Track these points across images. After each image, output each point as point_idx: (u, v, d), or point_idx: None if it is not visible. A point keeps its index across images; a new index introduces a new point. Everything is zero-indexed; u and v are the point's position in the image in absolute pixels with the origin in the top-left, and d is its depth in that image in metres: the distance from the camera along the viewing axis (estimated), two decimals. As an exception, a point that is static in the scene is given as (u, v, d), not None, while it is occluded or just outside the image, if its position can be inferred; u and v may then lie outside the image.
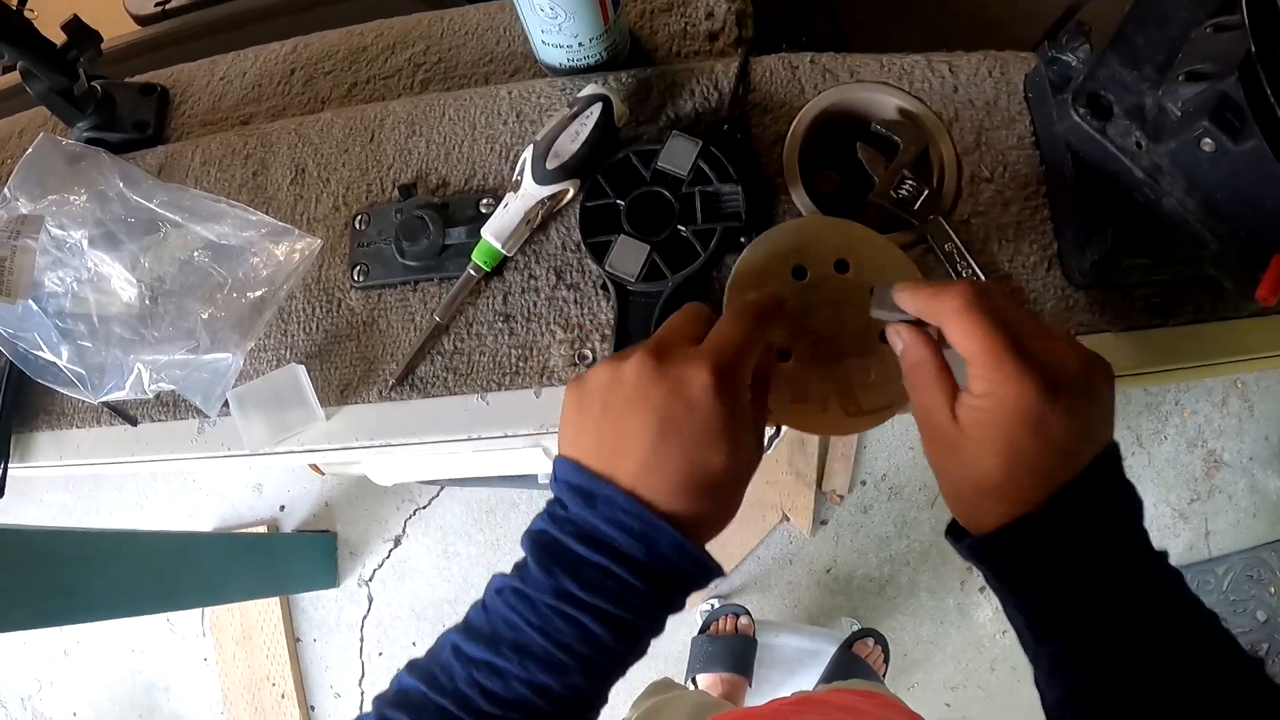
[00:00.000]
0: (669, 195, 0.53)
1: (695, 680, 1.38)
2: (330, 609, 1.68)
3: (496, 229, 0.55)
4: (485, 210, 0.58)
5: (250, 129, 0.67)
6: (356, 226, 0.61)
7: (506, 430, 0.56)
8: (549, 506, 0.36)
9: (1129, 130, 0.41)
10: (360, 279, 0.59)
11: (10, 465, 0.64)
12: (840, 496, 1.54)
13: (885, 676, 1.41)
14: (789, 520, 1.54)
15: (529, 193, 0.54)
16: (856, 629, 1.45)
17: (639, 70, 0.60)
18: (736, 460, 0.35)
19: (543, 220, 0.57)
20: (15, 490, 0.63)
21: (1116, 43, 0.42)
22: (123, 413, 0.62)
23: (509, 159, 0.60)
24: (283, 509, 1.71)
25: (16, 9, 0.60)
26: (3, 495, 0.62)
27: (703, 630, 1.46)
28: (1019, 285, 0.52)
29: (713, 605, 1.51)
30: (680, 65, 0.60)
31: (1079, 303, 0.52)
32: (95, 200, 0.59)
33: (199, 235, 0.60)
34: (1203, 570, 1.50)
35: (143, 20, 0.93)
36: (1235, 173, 0.37)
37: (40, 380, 0.59)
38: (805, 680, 1.40)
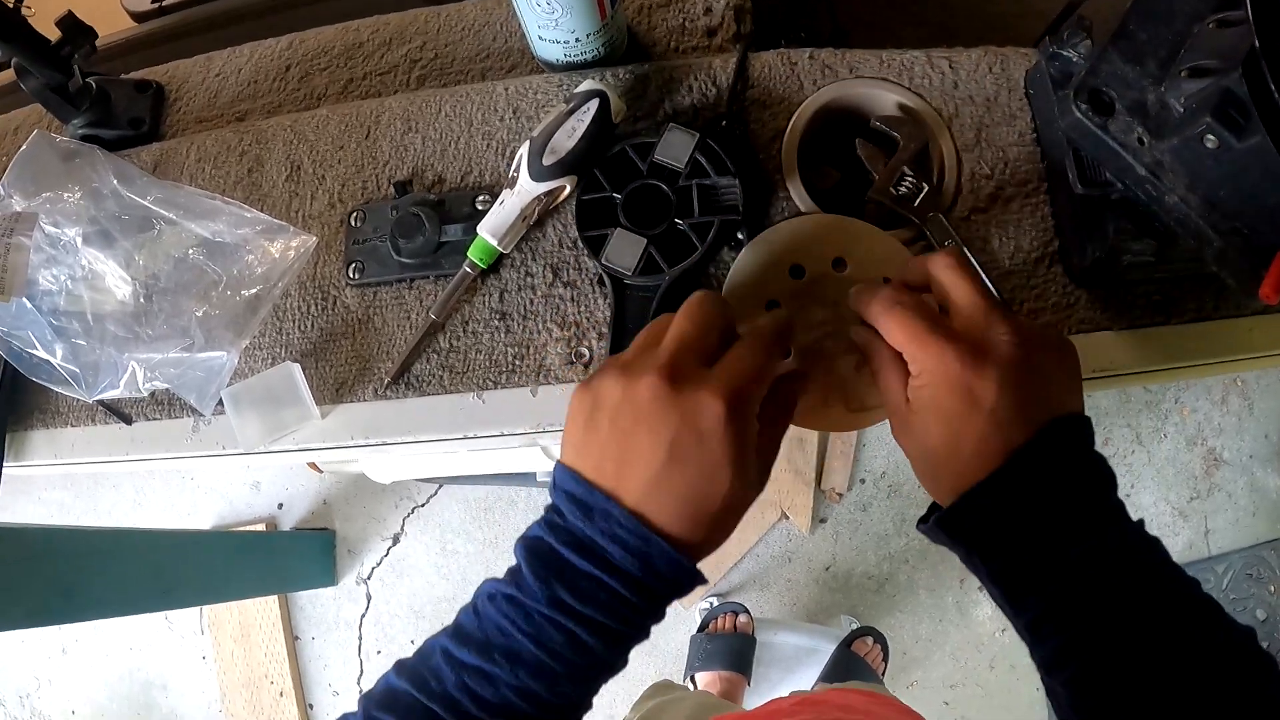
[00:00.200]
0: (666, 188, 0.53)
1: (694, 678, 1.38)
2: (329, 607, 1.68)
3: (493, 226, 0.54)
4: (481, 207, 0.57)
5: (245, 125, 0.67)
6: (352, 223, 0.60)
7: (503, 429, 0.56)
8: (546, 514, 0.36)
9: (1131, 127, 0.41)
10: (355, 276, 0.59)
11: (5, 464, 0.63)
12: (839, 494, 1.54)
13: (884, 675, 1.41)
14: (788, 518, 1.54)
15: (525, 189, 0.54)
16: (855, 627, 1.45)
17: (636, 66, 0.59)
18: (740, 490, 0.35)
19: (539, 217, 0.57)
20: (12, 488, 0.62)
21: (1118, 38, 0.41)
22: (117, 411, 0.62)
23: (505, 155, 0.60)
24: (281, 507, 1.71)
25: (13, 6, 0.60)
26: (-3, 494, 0.62)
27: (701, 628, 1.46)
28: (1019, 282, 0.52)
29: (711, 603, 1.51)
30: (678, 61, 0.60)
31: (1080, 300, 0.52)
32: (90, 197, 0.59)
33: (194, 233, 0.60)
34: (1202, 569, 1.50)
35: (138, 16, 0.93)
36: (1238, 169, 0.36)
37: (35, 378, 0.59)
38: (804, 678, 1.39)
